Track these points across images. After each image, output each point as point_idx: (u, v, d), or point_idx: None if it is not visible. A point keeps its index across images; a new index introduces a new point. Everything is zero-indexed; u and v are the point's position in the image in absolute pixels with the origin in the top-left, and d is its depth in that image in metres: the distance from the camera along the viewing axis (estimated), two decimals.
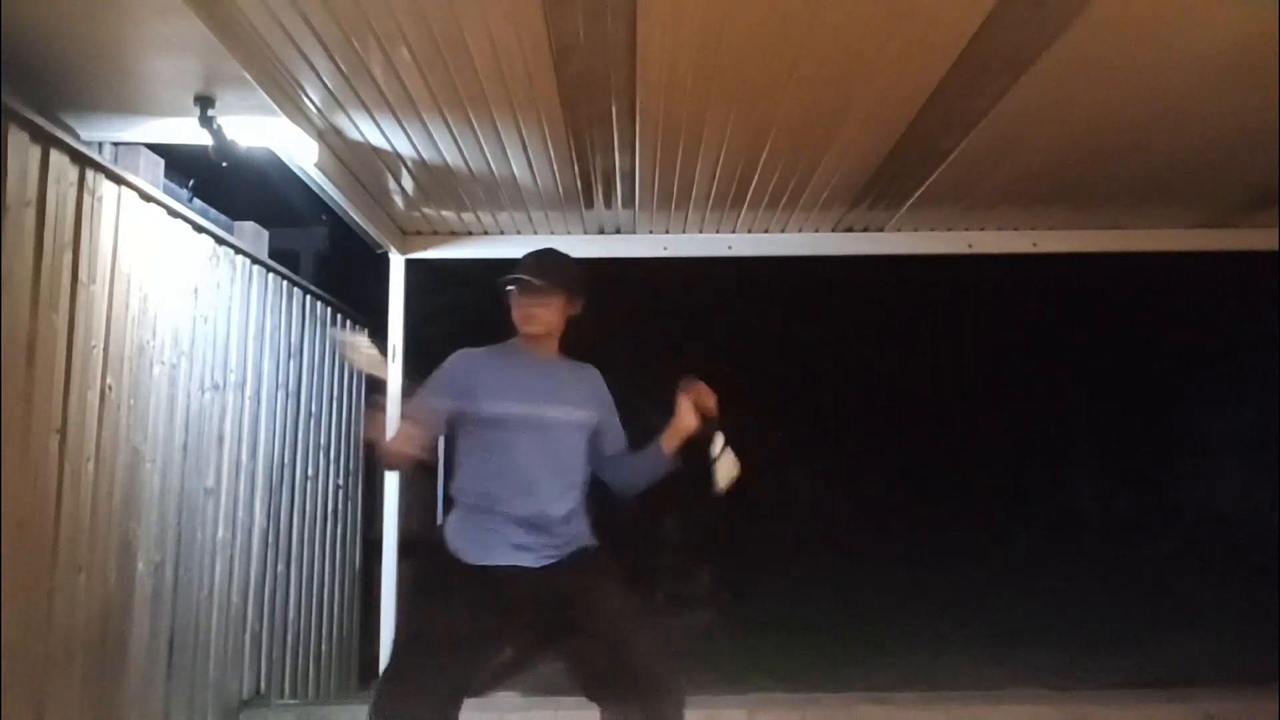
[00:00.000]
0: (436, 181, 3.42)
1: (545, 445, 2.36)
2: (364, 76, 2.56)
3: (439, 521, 2.40)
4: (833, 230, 4.03)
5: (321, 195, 3.33)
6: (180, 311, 3.26)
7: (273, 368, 4.05)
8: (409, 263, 4.10)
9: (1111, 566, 9.81)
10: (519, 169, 3.30)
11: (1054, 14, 2.27)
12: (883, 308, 11.22)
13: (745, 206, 3.73)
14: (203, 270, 3.43)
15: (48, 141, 2.50)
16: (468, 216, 3.88)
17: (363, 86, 2.62)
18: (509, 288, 2.41)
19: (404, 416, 2.39)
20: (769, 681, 5.16)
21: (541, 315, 2.41)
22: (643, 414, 2.57)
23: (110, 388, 2.82)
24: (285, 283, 4.19)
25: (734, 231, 4.06)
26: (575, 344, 2.56)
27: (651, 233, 4.08)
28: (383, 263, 4.11)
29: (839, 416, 12.52)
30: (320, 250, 8.69)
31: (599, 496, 2.52)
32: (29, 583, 2.46)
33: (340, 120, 2.87)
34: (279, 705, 3.92)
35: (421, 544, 2.54)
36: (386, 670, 2.28)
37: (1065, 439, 13.72)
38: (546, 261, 2.45)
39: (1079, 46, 2.40)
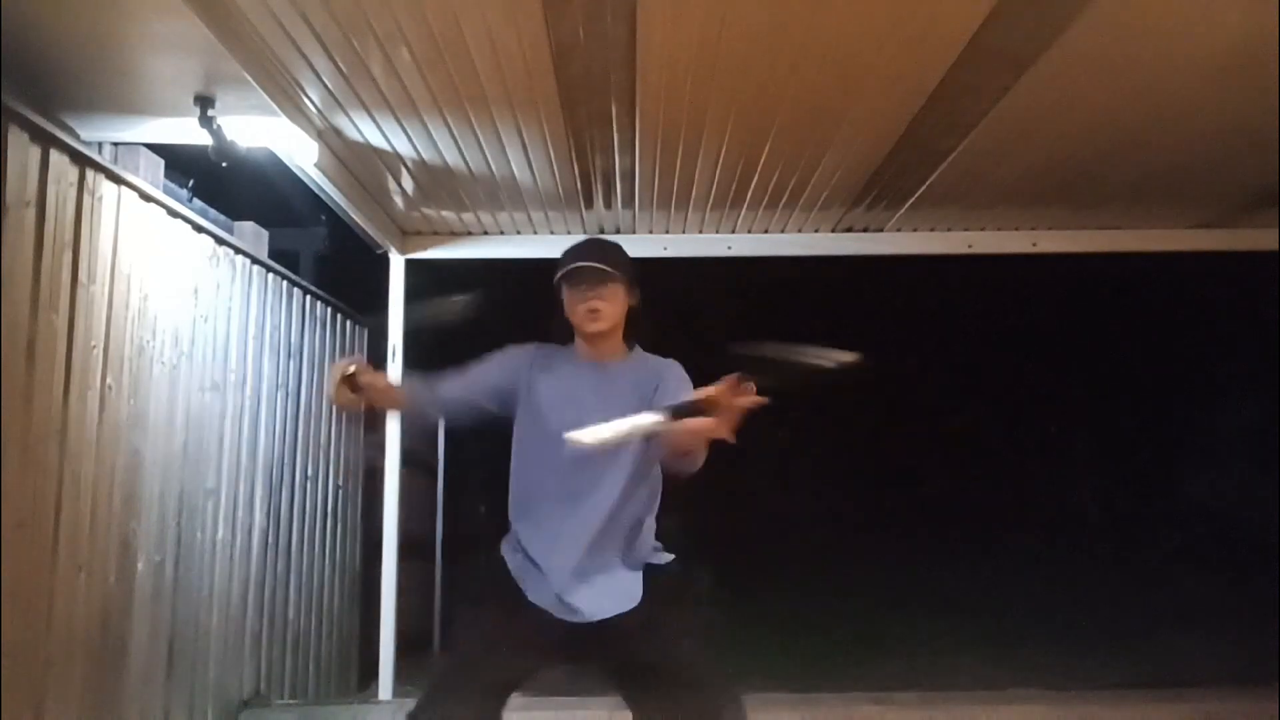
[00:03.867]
0: (436, 181, 3.42)
1: (578, 481, 2.01)
2: (364, 76, 2.56)
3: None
4: (833, 230, 4.04)
5: (321, 195, 3.33)
6: (180, 311, 3.26)
7: (273, 368, 4.04)
8: (409, 263, 4.10)
9: (1111, 566, 9.82)
10: (519, 169, 3.30)
11: (1054, 14, 2.27)
12: (883, 308, 11.23)
13: (745, 206, 3.73)
14: (203, 270, 3.43)
15: (48, 141, 2.49)
16: (468, 216, 3.88)
17: (363, 86, 2.62)
18: (565, 278, 2.04)
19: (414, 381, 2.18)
20: (769, 681, 5.15)
21: (606, 310, 2.04)
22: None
23: (110, 388, 2.82)
24: (285, 283, 4.19)
25: (734, 231, 4.06)
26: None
27: (651, 233, 4.09)
28: (383, 263, 4.11)
29: (840, 416, 12.53)
30: (320, 250, 8.67)
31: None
32: (29, 583, 2.46)
33: (340, 120, 2.87)
34: (279, 705, 3.91)
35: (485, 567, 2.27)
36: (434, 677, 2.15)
37: (1065, 439, 13.73)
38: (606, 246, 2.11)
39: (1079, 46, 2.40)
